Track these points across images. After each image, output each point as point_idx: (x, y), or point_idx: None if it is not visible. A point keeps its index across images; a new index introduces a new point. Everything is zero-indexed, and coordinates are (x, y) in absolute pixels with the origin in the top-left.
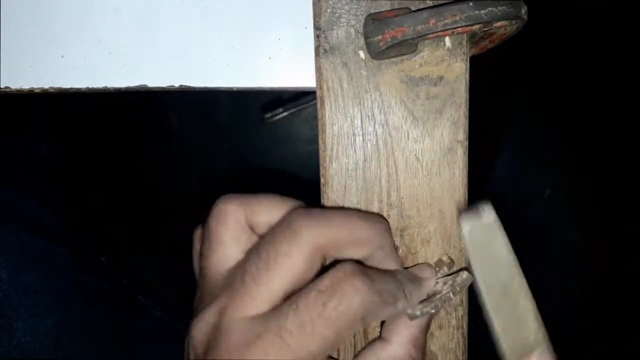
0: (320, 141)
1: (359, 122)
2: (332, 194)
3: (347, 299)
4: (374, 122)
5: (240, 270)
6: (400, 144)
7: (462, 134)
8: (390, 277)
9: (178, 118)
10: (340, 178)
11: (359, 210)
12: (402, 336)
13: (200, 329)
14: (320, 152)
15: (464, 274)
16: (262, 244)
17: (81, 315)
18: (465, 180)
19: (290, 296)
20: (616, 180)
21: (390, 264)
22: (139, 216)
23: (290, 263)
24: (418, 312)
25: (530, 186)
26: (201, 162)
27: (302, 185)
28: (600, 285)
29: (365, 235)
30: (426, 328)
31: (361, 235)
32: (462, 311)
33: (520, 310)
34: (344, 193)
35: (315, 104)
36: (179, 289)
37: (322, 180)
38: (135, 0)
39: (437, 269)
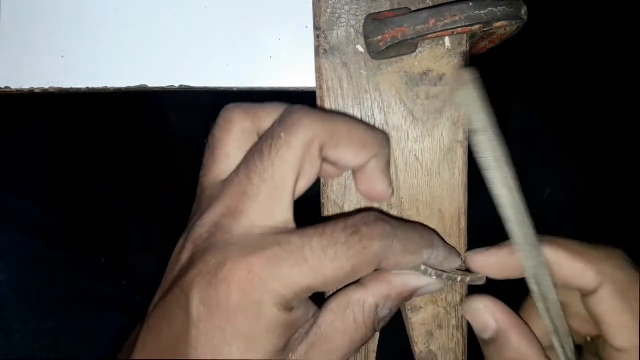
0: None
1: None
2: (332, 194)
3: (371, 238)
4: (374, 122)
5: (243, 169)
6: (400, 144)
7: (462, 134)
8: (416, 231)
9: (178, 118)
10: (340, 178)
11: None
12: (378, 288)
13: (202, 229)
14: None
15: (479, 275)
16: (261, 141)
17: (79, 316)
18: (465, 181)
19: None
20: (616, 181)
21: (381, 180)
22: (138, 216)
23: (290, 153)
24: (432, 274)
25: (530, 186)
26: (201, 162)
27: None
28: None
29: (363, 136)
30: (403, 296)
31: (359, 136)
32: (462, 311)
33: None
34: (343, 193)
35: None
36: None
37: (322, 180)
38: (135, 0)
39: None
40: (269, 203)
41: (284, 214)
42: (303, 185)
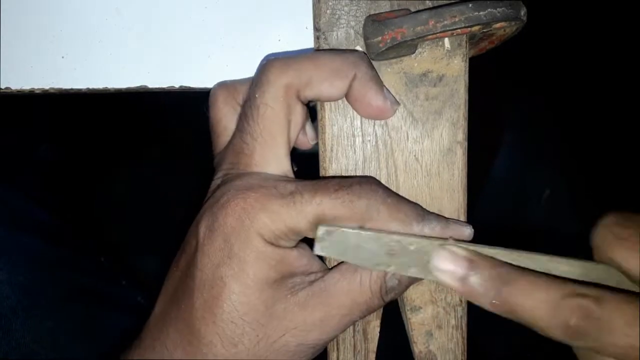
0: (320, 142)
1: (359, 123)
2: None
3: (359, 196)
4: (374, 122)
5: (237, 134)
6: (399, 144)
7: (461, 135)
8: (409, 204)
9: (178, 118)
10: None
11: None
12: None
13: (214, 183)
14: (320, 152)
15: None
16: (244, 106)
17: (80, 316)
18: (465, 181)
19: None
20: (616, 180)
21: (372, 95)
22: (139, 216)
23: (269, 110)
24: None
25: (530, 186)
26: (201, 162)
27: None
28: None
29: (332, 64)
30: (378, 294)
31: (330, 67)
32: (461, 311)
33: None
34: None
35: (315, 105)
36: None
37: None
38: (136, 0)
39: None
40: (264, 157)
41: (281, 165)
42: (293, 134)
